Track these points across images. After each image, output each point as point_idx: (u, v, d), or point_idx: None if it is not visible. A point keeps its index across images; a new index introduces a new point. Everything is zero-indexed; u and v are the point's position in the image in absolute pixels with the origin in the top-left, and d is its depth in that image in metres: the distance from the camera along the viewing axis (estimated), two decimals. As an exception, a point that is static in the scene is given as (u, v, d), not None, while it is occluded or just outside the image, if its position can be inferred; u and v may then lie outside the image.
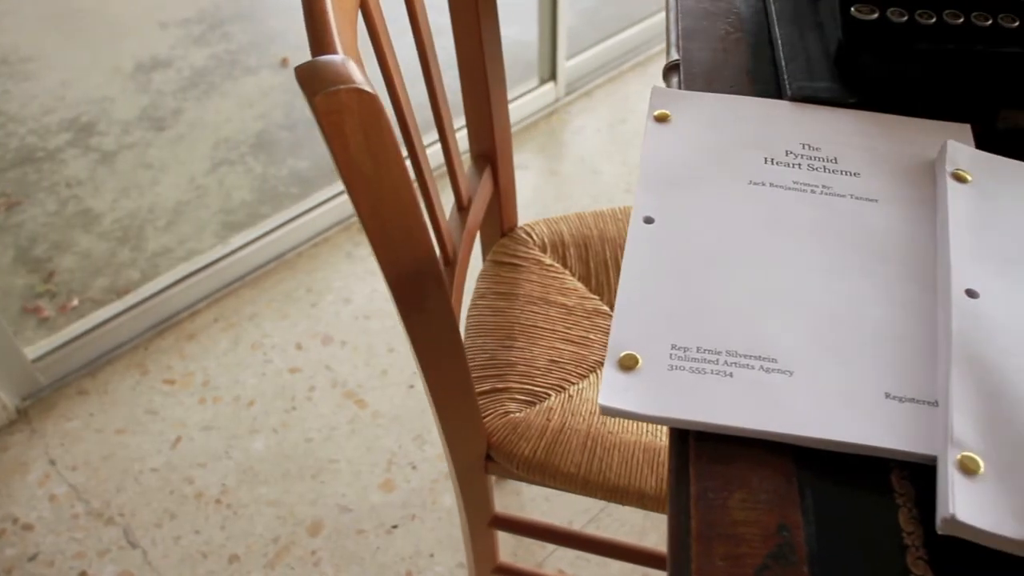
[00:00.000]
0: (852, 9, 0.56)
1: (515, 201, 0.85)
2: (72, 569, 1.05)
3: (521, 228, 0.86)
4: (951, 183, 0.50)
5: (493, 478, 0.85)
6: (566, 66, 1.62)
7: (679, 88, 0.59)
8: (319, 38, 0.45)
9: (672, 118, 0.55)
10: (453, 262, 0.72)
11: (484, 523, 0.79)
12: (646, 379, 0.41)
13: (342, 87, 0.41)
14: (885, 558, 0.36)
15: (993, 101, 0.56)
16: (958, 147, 0.52)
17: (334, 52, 0.45)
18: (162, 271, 1.36)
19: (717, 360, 0.42)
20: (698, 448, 0.40)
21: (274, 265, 1.38)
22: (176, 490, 1.12)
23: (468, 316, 0.79)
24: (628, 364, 0.42)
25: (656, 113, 0.55)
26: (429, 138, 1.04)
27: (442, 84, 0.71)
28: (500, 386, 0.73)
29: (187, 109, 1.66)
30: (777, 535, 0.37)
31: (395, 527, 1.08)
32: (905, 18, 0.56)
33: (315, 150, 1.58)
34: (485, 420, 0.71)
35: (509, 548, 1.06)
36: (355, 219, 1.47)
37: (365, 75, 0.43)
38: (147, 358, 1.26)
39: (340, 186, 1.47)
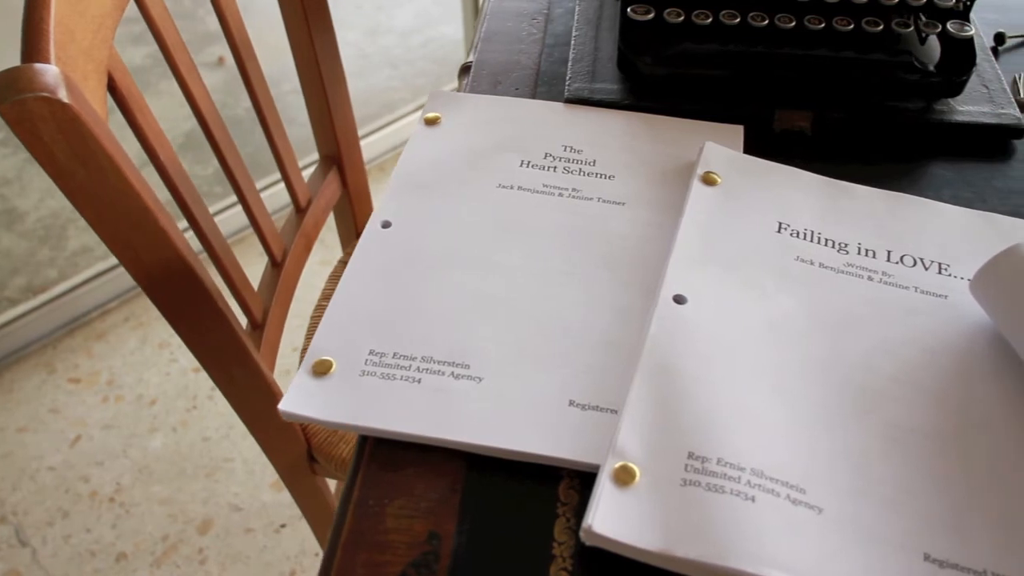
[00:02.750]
0: (628, 10, 0.55)
1: (369, 201, 0.85)
2: (-38, 567, 1.06)
3: (377, 229, 0.86)
4: (697, 185, 0.49)
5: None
6: (493, 64, 1.62)
7: (466, 90, 0.59)
8: (31, 45, 0.45)
9: (442, 121, 0.55)
10: (281, 264, 0.72)
11: (328, 524, 0.79)
12: (336, 384, 0.41)
13: (29, 96, 0.40)
14: (530, 568, 0.35)
15: (769, 102, 0.55)
16: (715, 149, 0.51)
17: (46, 60, 0.44)
18: (80, 270, 1.37)
19: (410, 366, 0.41)
20: (372, 454, 0.40)
21: (188, 264, 1.38)
22: (71, 488, 1.12)
23: (312, 317, 0.79)
24: (321, 369, 0.41)
25: (426, 116, 0.55)
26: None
27: (267, 91, 0.71)
28: (329, 388, 0.73)
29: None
30: (426, 543, 0.36)
31: (283, 526, 1.08)
32: (681, 18, 0.55)
33: (243, 150, 1.58)
34: (309, 422, 0.70)
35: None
36: (276, 218, 1.48)
37: (72, 83, 0.43)
38: (55, 357, 1.27)
39: (259, 184, 1.47)
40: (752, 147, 0.53)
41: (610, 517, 0.35)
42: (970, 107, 0.55)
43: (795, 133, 0.54)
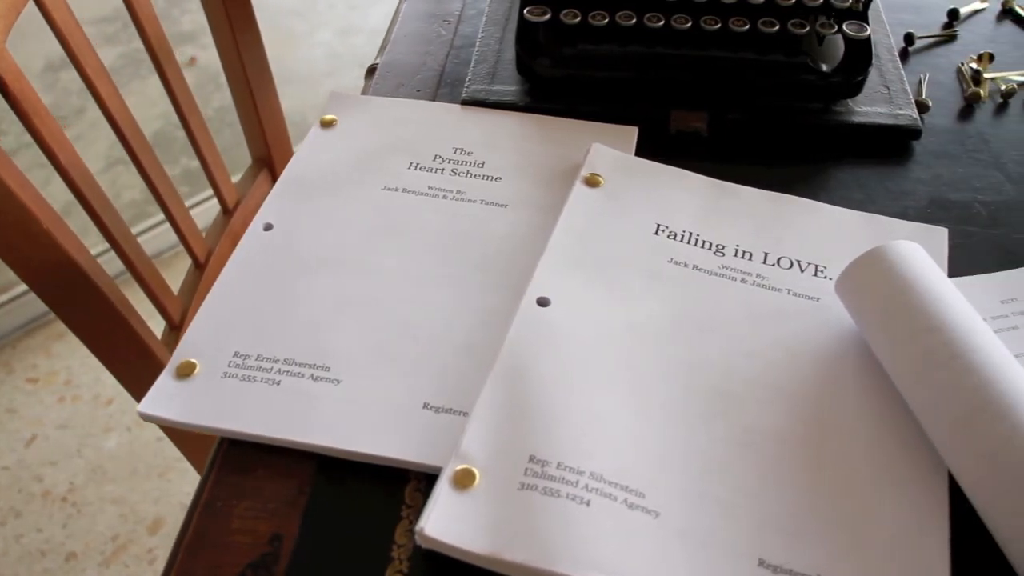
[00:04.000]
0: (525, 11, 0.55)
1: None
2: (-86, 566, 1.06)
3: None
4: (578, 187, 0.49)
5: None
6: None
7: (371, 92, 0.59)
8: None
9: (338, 123, 0.55)
10: (204, 265, 0.72)
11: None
12: (197, 387, 0.41)
13: None
14: (366, 570, 0.35)
15: (665, 103, 0.55)
16: (601, 151, 0.51)
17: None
18: (44, 270, 1.37)
19: (271, 368, 0.41)
20: (226, 456, 0.40)
21: (150, 264, 1.39)
22: (24, 488, 1.13)
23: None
24: (184, 371, 0.41)
25: (323, 118, 0.55)
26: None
27: (190, 96, 0.71)
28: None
29: (90, 108, 1.67)
30: (268, 544, 0.36)
31: (233, 526, 1.08)
32: (578, 19, 0.55)
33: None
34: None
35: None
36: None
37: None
38: (13, 357, 1.27)
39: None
40: (648, 148, 0.53)
41: (444, 520, 0.35)
42: (868, 108, 0.55)
43: (690, 134, 0.54)
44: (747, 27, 0.54)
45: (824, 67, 0.54)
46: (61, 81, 1.75)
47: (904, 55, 0.62)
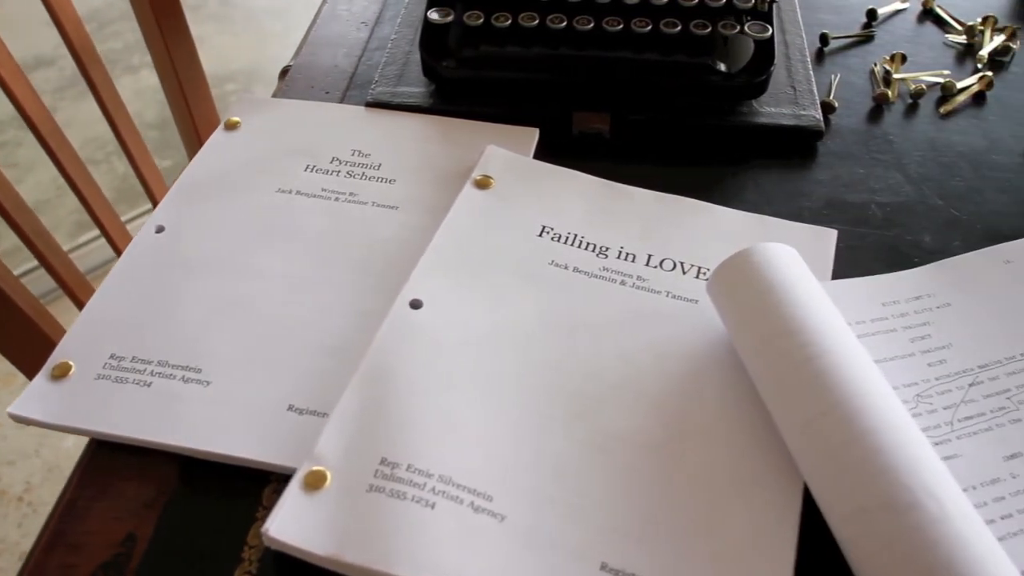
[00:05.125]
0: (428, 13, 0.55)
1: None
2: None
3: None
4: (467, 189, 0.49)
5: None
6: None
7: (280, 94, 0.59)
8: None
9: (242, 125, 0.55)
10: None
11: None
12: (70, 388, 0.41)
13: None
14: (215, 570, 0.36)
15: (567, 104, 0.55)
16: (495, 152, 0.51)
17: None
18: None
19: (144, 370, 0.42)
20: (93, 457, 0.40)
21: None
22: (-18, 487, 1.14)
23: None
24: (58, 373, 0.42)
25: (227, 120, 0.55)
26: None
27: (123, 107, 0.71)
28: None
29: (62, 108, 1.68)
30: (120, 545, 0.37)
31: (187, 525, 1.08)
32: (481, 21, 0.55)
33: (180, 150, 1.59)
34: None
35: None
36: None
37: None
38: (-23, 356, 1.28)
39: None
40: (550, 150, 0.53)
41: (289, 521, 0.35)
42: (772, 109, 0.55)
43: (593, 136, 0.54)
44: (649, 28, 0.54)
45: (723, 67, 0.54)
46: (34, 81, 1.75)
47: (819, 56, 0.62)
